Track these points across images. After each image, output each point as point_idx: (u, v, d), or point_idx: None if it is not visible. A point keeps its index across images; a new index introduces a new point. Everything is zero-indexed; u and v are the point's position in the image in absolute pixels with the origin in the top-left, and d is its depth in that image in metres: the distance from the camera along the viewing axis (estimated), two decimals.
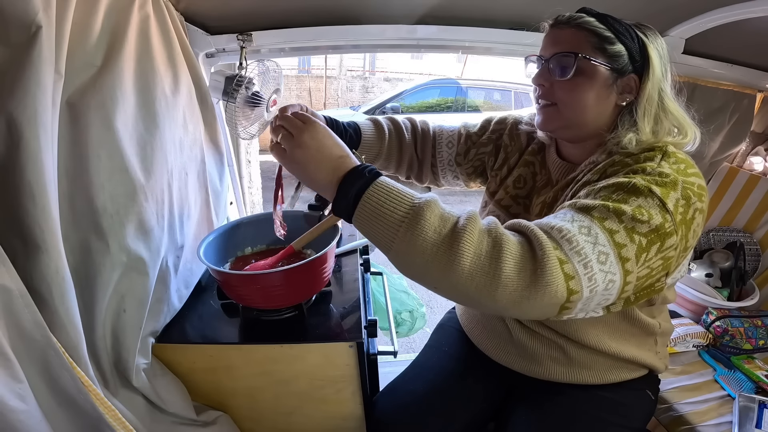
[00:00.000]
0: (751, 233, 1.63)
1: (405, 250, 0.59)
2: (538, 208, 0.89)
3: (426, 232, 0.57)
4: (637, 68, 0.76)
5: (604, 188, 0.67)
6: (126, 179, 0.79)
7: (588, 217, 0.62)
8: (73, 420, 0.63)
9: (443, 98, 6.11)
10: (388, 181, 0.62)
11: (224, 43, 1.25)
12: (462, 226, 0.58)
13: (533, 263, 0.57)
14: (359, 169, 0.64)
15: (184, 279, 1.04)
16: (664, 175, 0.66)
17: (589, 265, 0.58)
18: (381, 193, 0.60)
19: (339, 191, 0.63)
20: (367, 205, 0.60)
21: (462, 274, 0.56)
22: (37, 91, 0.57)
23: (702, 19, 1.25)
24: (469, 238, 0.57)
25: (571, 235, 0.59)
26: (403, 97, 6.01)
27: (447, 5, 1.19)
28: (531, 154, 0.97)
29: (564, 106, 0.79)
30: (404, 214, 0.59)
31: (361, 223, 0.62)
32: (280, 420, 1.04)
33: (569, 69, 0.76)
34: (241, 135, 1.29)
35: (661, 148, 0.73)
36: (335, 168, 0.64)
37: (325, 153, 0.65)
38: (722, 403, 1.16)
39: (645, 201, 0.63)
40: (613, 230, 0.61)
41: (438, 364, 1.06)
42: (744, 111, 1.66)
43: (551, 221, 0.62)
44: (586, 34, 0.76)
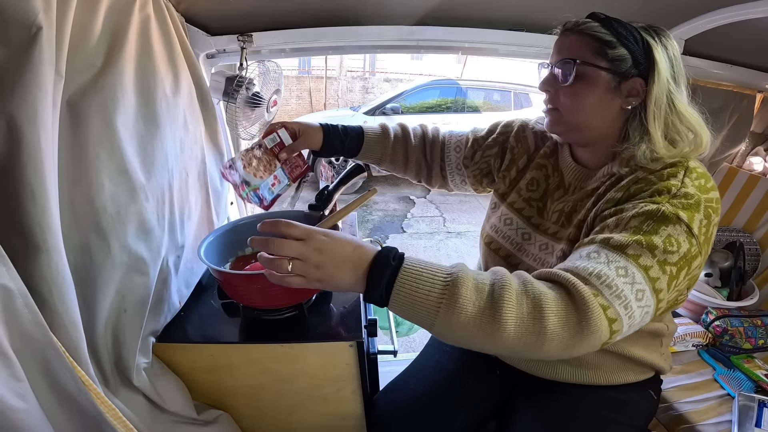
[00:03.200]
0: (750, 233, 1.64)
1: (447, 327, 0.59)
2: (556, 216, 0.89)
3: (465, 308, 0.58)
4: (643, 71, 0.76)
5: (634, 218, 0.68)
6: (126, 179, 0.79)
7: (623, 256, 0.64)
8: (74, 419, 0.63)
9: (443, 99, 6.11)
10: (412, 262, 0.61)
11: (225, 44, 1.26)
12: (499, 294, 0.59)
13: (576, 315, 0.59)
14: (380, 258, 0.62)
15: (185, 279, 1.05)
16: (689, 197, 0.68)
17: (629, 305, 0.61)
18: (411, 278, 0.60)
19: (368, 286, 0.61)
20: (401, 294, 0.60)
21: (508, 338, 0.58)
22: (37, 92, 0.57)
23: (701, 20, 1.25)
24: (508, 305, 0.58)
25: (610, 280, 0.61)
26: (403, 98, 6.02)
27: (447, 6, 1.20)
28: (543, 157, 0.97)
29: (567, 111, 0.81)
30: (440, 296, 0.59)
31: (397, 310, 0.61)
32: (280, 419, 1.05)
33: (570, 75, 0.77)
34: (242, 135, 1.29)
35: (683, 164, 0.74)
36: (355, 265, 0.62)
37: (339, 258, 0.62)
38: (722, 402, 1.17)
39: (674, 228, 0.66)
40: (647, 266, 0.64)
41: (439, 363, 1.06)
42: (743, 111, 1.67)
43: (587, 266, 0.63)
44: (588, 40, 0.77)
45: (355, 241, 0.64)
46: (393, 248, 0.63)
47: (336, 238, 0.63)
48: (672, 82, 0.75)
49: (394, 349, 1.09)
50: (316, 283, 0.62)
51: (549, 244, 0.88)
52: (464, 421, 0.97)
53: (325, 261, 0.61)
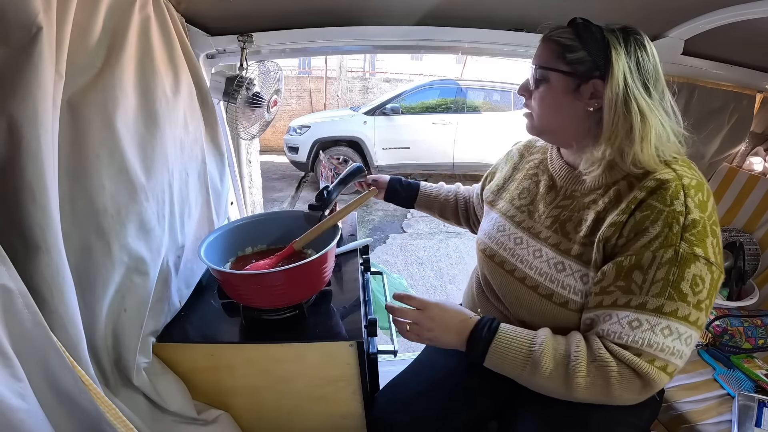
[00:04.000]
0: (750, 233, 1.63)
1: (529, 384, 0.79)
2: (549, 221, 0.89)
3: (544, 374, 0.75)
4: (603, 73, 0.76)
5: (659, 270, 0.71)
6: (127, 179, 0.79)
7: (663, 317, 0.71)
8: (74, 419, 0.63)
9: (443, 99, 6.11)
10: (506, 333, 0.79)
11: (225, 44, 1.26)
12: (573, 366, 0.73)
13: (639, 380, 0.72)
14: (480, 327, 0.80)
15: (185, 278, 1.05)
16: (696, 224, 0.71)
17: (682, 353, 0.71)
18: (502, 348, 0.78)
19: (468, 348, 0.81)
20: (494, 356, 0.79)
21: (580, 398, 0.75)
22: (37, 92, 0.58)
23: (701, 20, 1.25)
24: (580, 376, 0.73)
25: (660, 344, 0.70)
26: (403, 98, 6.02)
27: (446, 6, 1.20)
28: (533, 167, 1.01)
29: (535, 114, 0.87)
30: (524, 361, 0.77)
31: (490, 365, 0.80)
32: (280, 419, 1.05)
33: (534, 80, 0.84)
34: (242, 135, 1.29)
35: (678, 181, 0.73)
36: (459, 332, 0.81)
37: (448, 325, 0.82)
38: (722, 402, 1.16)
39: (696, 267, 0.70)
40: (686, 316, 0.70)
41: (439, 362, 1.06)
42: (743, 111, 1.67)
43: (635, 337, 0.71)
44: (552, 45, 0.81)
45: (462, 313, 0.83)
46: (489, 319, 0.81)
47: (447, 310, 0.83)
48: (636, 84, 0.75)
49: (394, 349, 1.10)
50: (427, 341, 0.84)
51: (543, 251, 0.87)
52: (465, 420, 0.97)
53: (435, 327, 0.82)
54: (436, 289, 3.38)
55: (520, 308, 0.90)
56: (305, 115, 7.37)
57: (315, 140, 5.75)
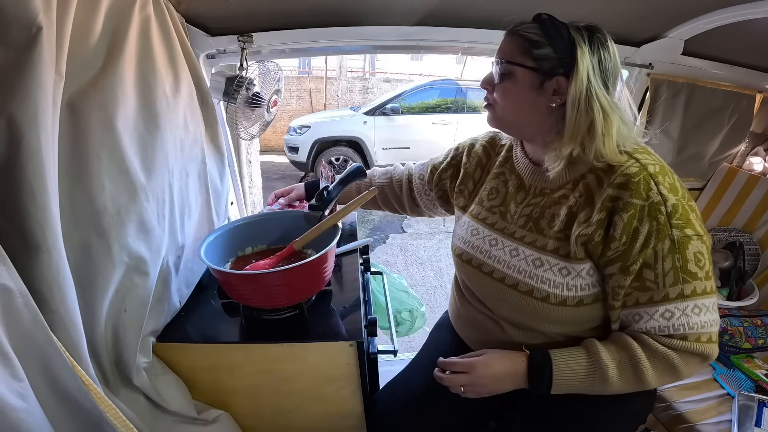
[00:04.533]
0: (750, 233, 1.64)
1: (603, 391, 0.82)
2: (522, 220, 0.90)
3: (613, 382, 0.79)
4: (567, 70, 0.78)
5: (665, 261, 0.75)
6: (127, 179, 0.79)
7: (688, 300, 0.75)
8: (74, 419, 0.63)
9: (443, 99, 6.12)
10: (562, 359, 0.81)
11: (225, 45, 1.26)
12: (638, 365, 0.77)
13: (698, 357, 0.77)
14: (533, 365, 0.82)
15: (185, 278, 1.05)
16: (677, 208, 0.74)
17: (715, 319, 0.77)
18: (564, 374, 0.81)
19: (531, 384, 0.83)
20: (561, 387, 0.81)
21: (651, 386, 0.80)
22: (37, 92, 0.58)
23: (701, 21, 1.25)
24: (648, 372, 0.77)
25: (700, 322, 0.76)
26: (403, 98, 6.03)
27: (446, 6, 1.20)
28: (499, 165, 1.01)
29: (498, 108, 0.87)
30: (591, 378, 0.80)
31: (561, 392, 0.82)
32: (280, 418, 1.05)
33: (498, 74, 0.84)
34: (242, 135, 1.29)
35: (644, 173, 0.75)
36: (515, 376, 0.84)
37: (499, 376, 0.84)
38: (722, 401, 1.17)
39: (693, 245, 0.74)
40: (705, 290, 0.76)
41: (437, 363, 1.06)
42: (743, 111, 1.67)
43: (675, 323, 0.76)
44: (518, 40, 0.82)
45: (508, 357, 0.85)
46: (539, 352, 0.83)
47: (492, 364, 0.84)
48: (598, 82, 0.77)
49: (394, 349, 1.10)
50: (486, 395, 0.85)
51: (519, 249, 0.88)
52: (464, 419, 0.97)
53: (487, 382, 0.84)
54: (436, 289, 3.38)
55: (504, 308, 0.91)
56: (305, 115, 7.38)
57: (315, 140, 5.75)
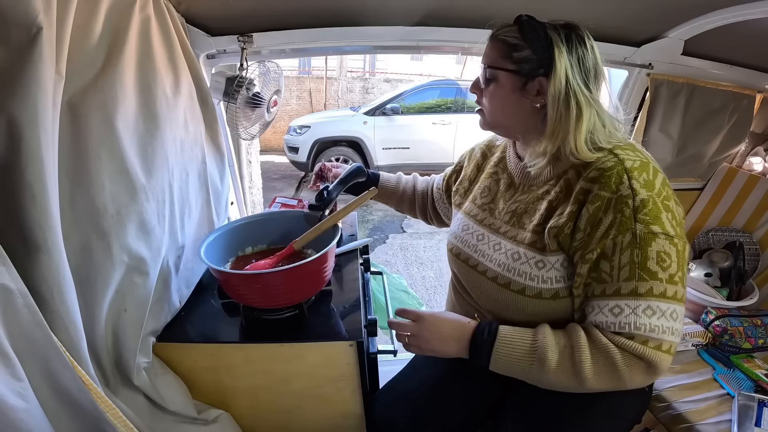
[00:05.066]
0: (750, 233, 1.64)
1: (539, 382, 0.79)
2: (508, 216, 0.92)
3: (551, 368, 0.75)
4: (547, 71, 0.79)
5: (623, 255, 0.73)
6: (127, 179, 0.79)
7: (641, 299, 0.72)
8: (74, 419, 0.63)
9: (443, 99, 6.12)
10: (505, 336, 0.79)
11: (225, 45, 1.26)
12: (578, 356, 0.74)
13: (641, 361, 0.72)
14: (479, 332, 0.81)
15: (185, 278, 1.05)
16: (646, 204, 0.72)
17: (673, 329, 0.72)
18: (505, 350, 0.78)
19: (471, 354, 0.81)
20: (500, 358, 0.79)
21: (592, 387, 0.75)
22: (37, 92, 0.58)
23: (701, 21, 1.25)
24: (587, 365, 0.73)
25: (648, 325, 0.71)
26: (403, 98, 6.02)
27: (446, 7, 1.20)
28: (493, 165, 1.03)
29: (486, 111, 0.90)
30: (530, 358, 0.77)
31: (496, 369, 0.80)
32: (280, 418, 1.05)
33: (484, 78, 0.86)
34: (242, 135, 1.29)
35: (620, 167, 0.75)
36: (458, 340, 0.82)
37: (445, 335, 0.83)
38: (721, 401, 1.17)
39: (656, 244, 0.71)
40: (662, 292, 0.71)
41: (436, 362, 1.06)
42: (743, 112, 1.67)
43: (621, 321, 0.73)
44: (499, 45, 0.83)
45: (457, 321, 0.84)
46: (487, 323, 0.82)
47: (441, 319, 0.84)
48: (577, 79, 0.78)
49: (393, 349, 1.10)
50: (429, 352, 0.84)
51: (501, 244, 0.90)
52: (462, 419, 0.97)
53: (432, 338, 0.83)
54: (436, 289, 3.38)
55: (487, 301, 0.92)
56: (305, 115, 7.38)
57: (315, 140, 5.75)
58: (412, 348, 0.84)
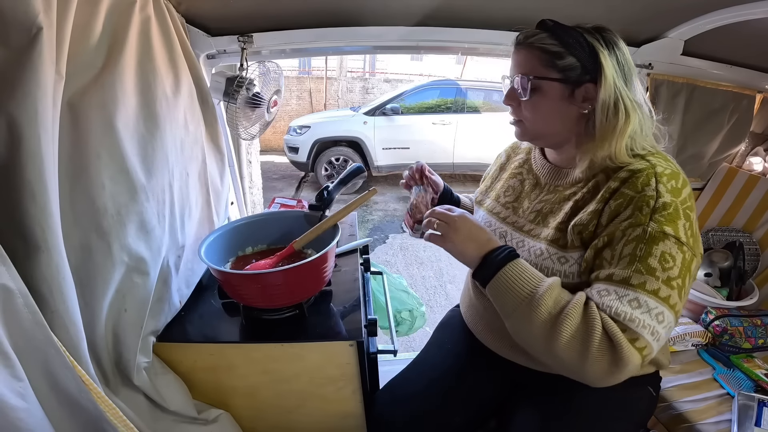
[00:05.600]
0: (750, 233, 1.64)
1: (521, 321, 0.75)
2: (533, 215, 0.91)
3: (540, 309, 0.72)
4: (593, 76, 0.79)
5: (626, 246, 0.73)
6: (127, 179, 0.79)
7: (630, 288, 0.70)
8: (74, 418, 0.63)
9: (443, 99, 6.11)
10: (522, 264, 0.77)
11: (225, 45, 1.26)
12: (568, 310, 0.71)
13: (612, 349, 0.68)
14: (500, 249, 0.79)
15: (185, 278, 1.05)
16: (667, 206, 0.72)
17: (654, 330, 0.69)
18: (514, 273, 0.76)
19: (481, 264, 0.79)
20: (500, 280, 0.76)
21: (558, 347, 0.70)
22: (37, 92, 0.58)
23: (701, 21, 1.25)
24: (570, 320, 0.70)
25: (629, 315, 0.68)
26: (402, 98, 6.01)
27: (446, 7, 1.20)
28: (518, 167, 1.03)
29: (528, 123, 0.87)
30: (528, 293, 0.74)
31: (492, 291, 0.78)
32: (280, 418, 1.05)
33: (526, 90, 0.83)
34: (242, 135, 1.29)
35: (651, 170, 0.75)
36: (480, 246, 0.80)
37: (473, 234, 0.81)
38: (721, 401, 1.17)
39: (664, 245, 0.70)
40: (655, 290, 0.69)
41: (439, 361, 1.06)
42: (743, 112, 1.67)
43: (605, 304, 0.71)
44: (538, 53, 0.81)
45: (488, 235, 0.82)
46: (511, 249, 0.79)
47: (476, 224, 0.82)
48: (621, 82, 0.78)
49: (393, 349, 1.10)
50: (449, 243, 0.81)
51: (524, 241, 0.90)
52: (464, 418, 0.97)
53: (460, 233, 0.80)
54: (436, 288, 3.38)
55: None
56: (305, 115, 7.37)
57: (315, 140, 5.75)
58: (435, 237, 0.82)
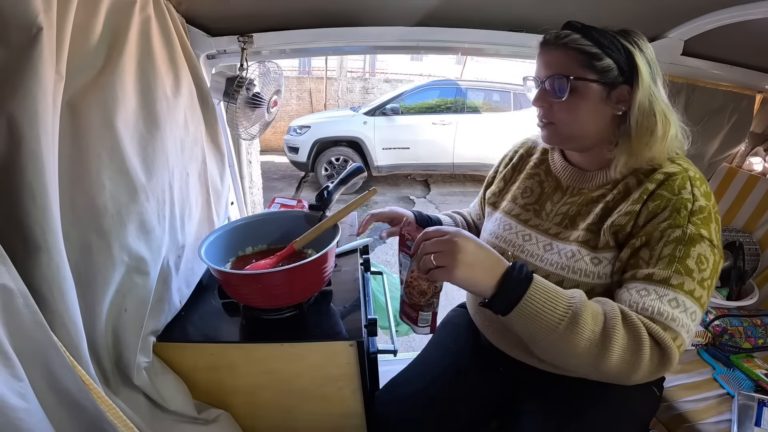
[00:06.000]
0: (750, 233, 1.63)
1: (561, 344, 0.68)
2: (559, 218, 0.91)
3: (583, 331, 0.66)
4: (627, 78, 0.79)
5: (666, 247, 0.74)
6: (127, 179, 0.79)
7: (670, 288, 0.72)
8: (75, 418, 0.63)
9: (443, 99, 6.11)
10: (543, 281, 0.69)
11: (225, 45, 1.26)
12: (611, 325, 0.67)
13: (659, 349, 0.69)
14: (515, 269, 0.69)
15: (186, 278, 1.05)
16: (703, 210, 0.75)
17: (689, 329, 0.71)
18: (540, 295, 0.68)
19: (499, 292, 0.69)
20: (528, 306, 0.67)
21: (610, 364, 0.67)
22: (37, 92, 0.58)
23: (701, 21, 1.25)
24: (617, 335, 0.67)
25: (670, 314, 0.70)
26: (402, 98, 6.02)
27: (446, 7, 1.20)
28: (533, 167, 1.02)
29: (562, 125, 0.85)
30: (562, 316, 0.67)
31: (516, 320, 0.69)
32: (280, 418, 1.05)
33: (564, 91, 0.80)
34: (242, 135, 1.29)
35: (685, 173, 0.78)
36: (491, 269, 0.69)
37: (480, 258, 0.70)
38: (721, 401, 1.17)
39: (701, 247, 0.73)
40: (691, 290, 0.71)
41: (441, 360, 1.06)
42: (743, 112, 1.67)
43: (644, 304, 0.71)
44: (574, 53, 0.80)
45: (492, 251, 0.71)
46: (525, 266, 0.70)
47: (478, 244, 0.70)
48: (653, 84, 0.79)
49: (393, 349, 1.10)
50: (453, 272, 0.68)
51: (553, 244, 0.89)
52: (466, 418, 0.97)
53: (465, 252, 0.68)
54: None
55: None
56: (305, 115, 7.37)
57: (315, 140, 5.75)
58: (436, 271, 0.69)
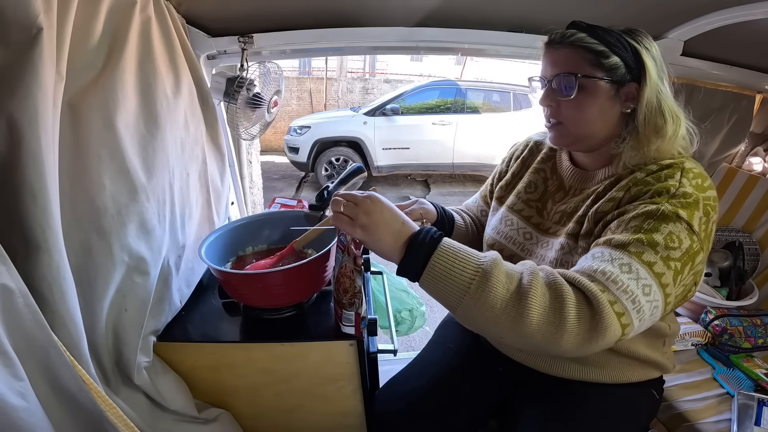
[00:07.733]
0: (750, 233, 1.63)
1: (475, 308, 0.64)
2: (558, 216, 0.91)
3: (495, 289, 0.62)
4: (635, 76, 0.79)
5: (635, 218, 0.70)
6: (127, 179, 0.80)
7: (626, 253, 0.67)
8: (75, 418, 0.64)
9: (442, 99, 6.11)
10: (451, 243, 0.67)
11: (225, 45, 1.26)
12: (528, 282, 0.63)
13: (589, 310, 0.63)
14: (422, 233, 0.68)
15: (186, 278, 1.05)
16: (687, 196, 0.70)
17: (636, 299, 0.64)
18: (447, 256, 0.65)
19: (406, 255, 0.67)
20: (436, 267, 0.65)
21: (530, 325, 0.62)
22: (38, 92, 0.58)
23: (701, 21, 1.25)
24: (535, 293, 0.62)
25: (614, 276, 0.64)
26: (402, 99, 6.02)
27: (446, 8, 1.20)
28: (540, 162, 1.01)
29: (571, 124, 0.83)
30: (472, 275, 0.64)
31: (428, 284, 0.66)
32: (281, 417, 1.05)
33: (572, 88, 0.79)
34: (243, 136, 1.29)
35: (679, 165, 0.76)
36: (398, 233, 0.68)
37: (388, 219, 0.69)
38: (721, 401, 1.17)
39: (674, 226, 0.68)
40: (651, 262, 0.66)
41: (441, 360, 1.06)
42: (743, 112, 1.66)
43: (592, 265, 0.67)
44: (582, 52, 0.79)
45: (405, 218, 0.70)
46: (435, 230, 0.68)
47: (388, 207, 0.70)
48: (660, 82, 0.79)
49: (393, 348, 1.10)
50: (359, 230, 0.69)
51: (550, 242, 0.89)
52: (465, 417, 0.97)
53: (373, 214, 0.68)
54: None
55: None
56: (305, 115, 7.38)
57: (315, 141, 5.75)
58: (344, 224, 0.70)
